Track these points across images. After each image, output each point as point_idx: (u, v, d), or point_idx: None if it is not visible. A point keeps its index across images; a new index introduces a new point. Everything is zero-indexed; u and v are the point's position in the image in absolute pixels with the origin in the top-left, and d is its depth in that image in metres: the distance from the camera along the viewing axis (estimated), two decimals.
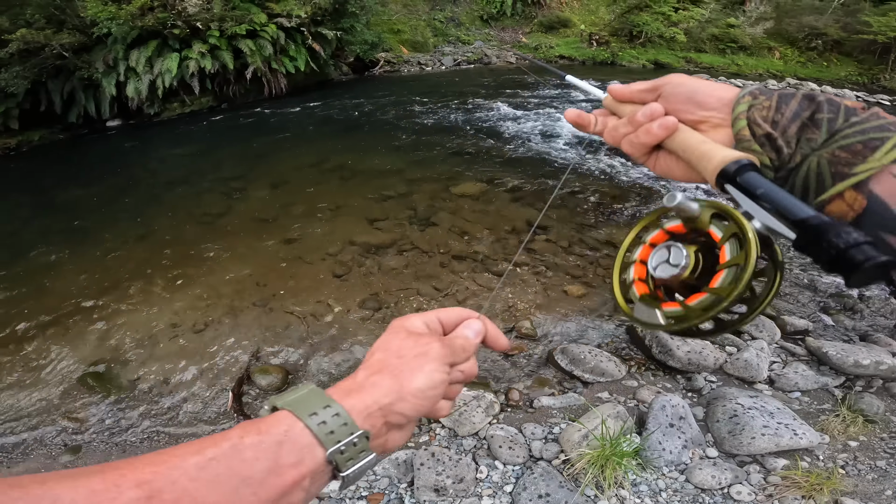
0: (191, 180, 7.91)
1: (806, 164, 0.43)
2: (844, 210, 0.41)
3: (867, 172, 0.39)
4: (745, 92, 0.49)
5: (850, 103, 0.44)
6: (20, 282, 5.24)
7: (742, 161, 0.44)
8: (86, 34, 10.55)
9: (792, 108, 0.45)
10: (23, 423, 3.50)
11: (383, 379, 0.47)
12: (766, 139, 0.45)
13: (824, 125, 0.43)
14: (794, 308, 4.06)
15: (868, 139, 0.40)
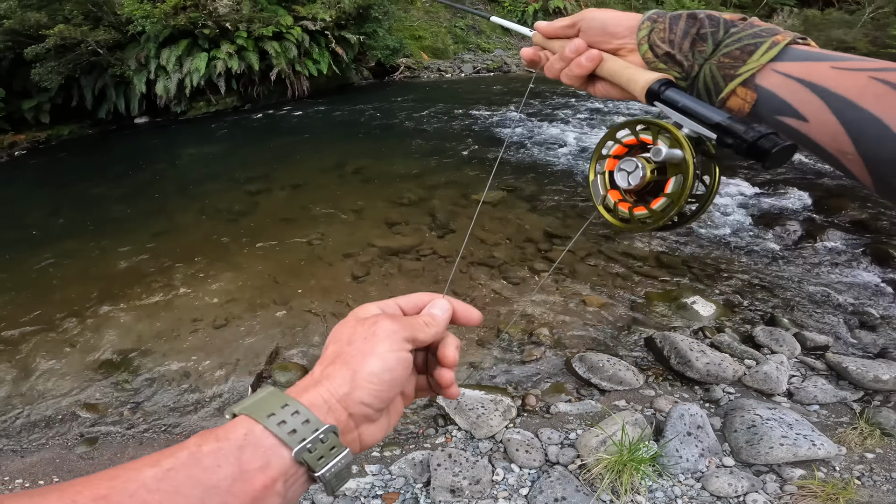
0: (214, 178, 8.09)
1: (702, 71, 0.51)
2: (741, 103, 0.48)
3: (749, 72, 0.47)
4: (645, 18, 0.57)
5: (729, 16, 0.52)
6: (45, 272, 5.40)
7: (661, 79, 0.52)
8: (121, 31, 10.87)
9: (681, 27, 0.53)
10: (40, 412, 3.55)
11: (337, 369, 0.45)
12: (668, 57, 0.54)
13: (709, 38, 0.51)
14: (814, 324, 4.04)
15: (744, 45, 0.48)
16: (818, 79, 0.43)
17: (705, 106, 0.49)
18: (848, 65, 0.42)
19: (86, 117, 11.88)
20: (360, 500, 2.67)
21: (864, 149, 0.40)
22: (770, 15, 17.70)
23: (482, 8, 20.64)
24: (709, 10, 0.54)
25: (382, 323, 0.48)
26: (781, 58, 0.46)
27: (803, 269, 4.80)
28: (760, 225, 5.59)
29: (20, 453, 3.24)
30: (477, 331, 4.04)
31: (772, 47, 0.46)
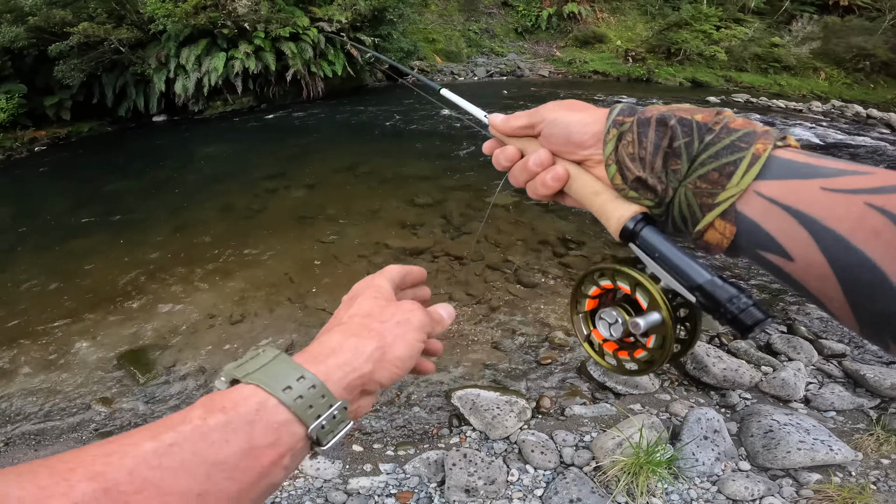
0: (231, 177, 8.19)
1: (677, 196, 0.44)
2: (719, 238, 0.42)
3: (729, 200, 0.40)
4: (610, 123, 0.49)
5: (702, 116, 0.44)
6: (64, 266, 5.50)
7: (637, 217, 0.47)
8: (143, 30, 11.07)
9: (651, 139, 0.46)
10: (56, 406, 3.57)
11: (364, 343, 0.44)
12: (639, 183, 0.47)
13: (683, 153, 0.44)
14: (831, 332, 4.03)
15: (722, 165, 0.41)
16: (807, 206, 0.37)
17: (685, 260, 0.44)
18: (841, 183, 0.36)
19: (106, 115, 12.09)
20: (374, 499, 2.70)
21: (854, 298, 0.34)
22: (789, 21, 17.55)
23: (495, 12, 20.71)
24: (680, 109, 0.46)
25: (417, 313, 0.49)
26: (764, 174, 0.39)
27: None
28: None
29: (33, 447, 3.25)
30: (492, 332, 4.05)
31: (753, 164, 0.40)
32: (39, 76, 10.99)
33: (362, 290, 0.52)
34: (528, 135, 0.57)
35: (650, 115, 0.46)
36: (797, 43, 16.71)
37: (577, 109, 0.53)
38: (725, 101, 13.14)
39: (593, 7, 19.64)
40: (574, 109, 0.53)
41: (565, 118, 0.52)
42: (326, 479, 2.84)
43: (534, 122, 0.55)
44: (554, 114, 0.53)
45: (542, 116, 0.54)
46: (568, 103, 0.54)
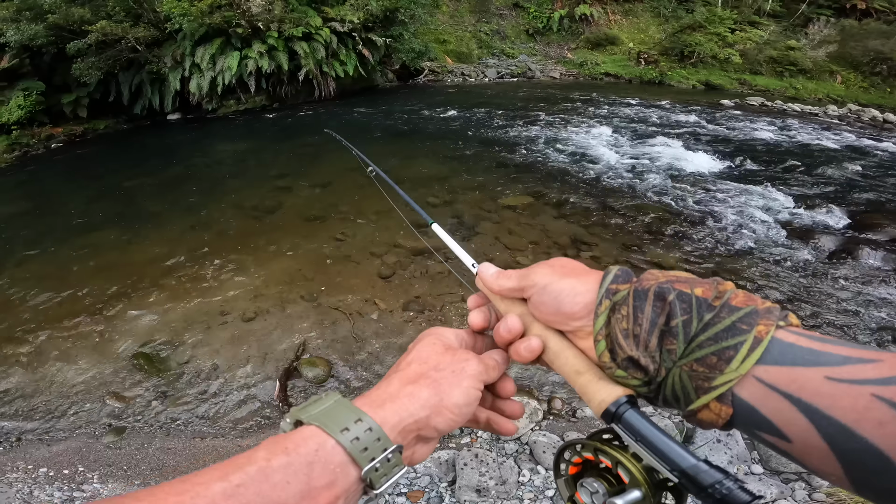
0: (244, 175, 8.28)
1: (670, 377, 0.43)
2: (713, 418, 0.41)
3: (725, 385, 0.39)
4: (603, 293, 0.46)
5: (702, 290, 0.43)
6: (78, 261, 5.57)
7: (619, 401, 0.45)
8: (159, 29, 11.23)
9: (647, 315, 0.43)
10: (69, 400, 3.59)
11: (421, 390, 0.45)
12: (629, 362, 0.44)
13: (680, 333, 0.42)
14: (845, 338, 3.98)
15: (721, 349, 0.40)
16: (809, 395, 0.36)
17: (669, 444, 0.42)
18: (847, 373, 0.35)
19: (122, 113, 12.26)
20: (385, 498, 2.70)
21: (855, 476, 0.34)
22: (806, 24, 17.38)
23: (507, 13, 20.71)
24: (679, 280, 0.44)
25: (472, 361, 0.49)
26: (765, 358, 0.38)
27: (836, 284, 4.71)
28: (794, 237, 5.50)
29: (46, 441, 3.26)
30: None
31: (754, 349, 0.39)
32: (57, 74, 11.17)
33: (423, 337, 0.52)
34: (514, 297, 0.54)
35: (648, 287, 0.44)
36: (813, 46, 16.55)
37: (569, 274, 0.50)
38: (740, 104, 13.03)
39: (605, 9, 19.57)
40: (566, 274, 0.50)
41: (555, 286, 0.49)
42: None
43: (524, 286, 0.52)
44: (545, 279, 0.50)
45: (533, 281, 0.51)
46: (560, 265, 0.52)
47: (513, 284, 0.53)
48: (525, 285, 0.52)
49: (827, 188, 6.91)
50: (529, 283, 0.51)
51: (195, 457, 3.06)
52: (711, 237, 5.54)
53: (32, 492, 2.79)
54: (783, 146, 9.07)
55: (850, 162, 8.02)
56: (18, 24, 9.99)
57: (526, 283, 0.52)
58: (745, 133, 9.88)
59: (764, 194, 6.61)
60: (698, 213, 6.15)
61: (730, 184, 7.01)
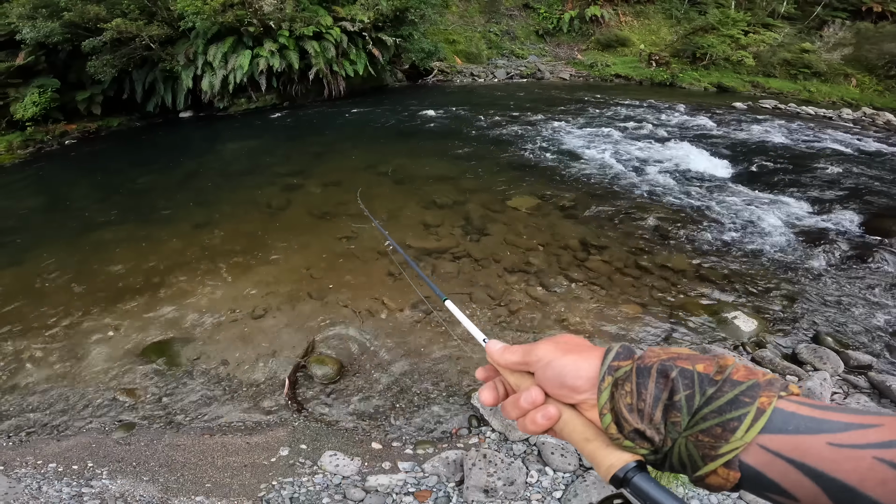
0: (254, 173, 8.32)
1: (676, 446, 0.45)
2: (721, 482, 0.43)
3: (731, 453, 0.41)
4: (605, 369, 0.49)
5: (703, 366, 0.45)
6: (91, 257, 5.64)
7: (628, 466, 0.46)
8: (172, 27, 11.34)
9: (651, 391, 0.46)
10: (80, 395, 3.62)
11: None
12: (636, 434, 0.46)
13: (684, 407, 0.44)
14: (858, 343, 3.96)
15: (726, 420, 0.42)
16: (813, 460, 0.38)
17: None
18: (849, 439, 0.37)
19: (135, 110, 12.39)
20: (393, 497, 2.70)
21: None
22: (821, 27, 17.18)
23: (516, 14, 20.66)
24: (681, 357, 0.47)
25: None
26: (769, 427, 0.41)
27: (849, 289, 4.66)
28: (806, 242, 5.44)
29: (56, 436, 3.26)
30: (513, 335, 4.05)
31: (757, 419, 0.41)
32: (72, 71, 11.30)
33: None
34: (520, 370, 0.57)
35: (650, 365, 0.47)
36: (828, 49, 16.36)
37: (572, 350, 0.53)
38: (752, 106, 12.90)
39: (616, 10, 19.47)
40: (569, 351, 0.53)
41: (559, 362, 0.52)
42: (345, 475, 2.86)
43: (528, 361, 0.55)
44: (549, 356, 0.53)
45: (537, 357, 0.54)
46: (564, 342, 0.54)
47: (518, 359, 0.56)
48: (530, 360, 0.55)
49: (840, 192, 6.83)
50: (534, 358, 0.54)
51: (204, 453, 3.07)
52: (722, 241, 5.49)
53: (41, 487, 2.78)
54: (796, 149, 8.97)
55: (864, 166, 7.91)
56: (34, 22, 10.12)
57: (530, 359, 0.54)
58: (757, 136, 9.78)
59: (776, 198, 6.54)
60: (709, 216, 6.09)
61: (741, 187, 6.94)
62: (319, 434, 3.21)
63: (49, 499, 2.67)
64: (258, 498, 2.68)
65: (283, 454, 3.03)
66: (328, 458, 2.97)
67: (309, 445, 3.10)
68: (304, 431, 3.23)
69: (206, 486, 2.81)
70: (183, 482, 2.85)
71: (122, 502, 2.66)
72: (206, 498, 2.72)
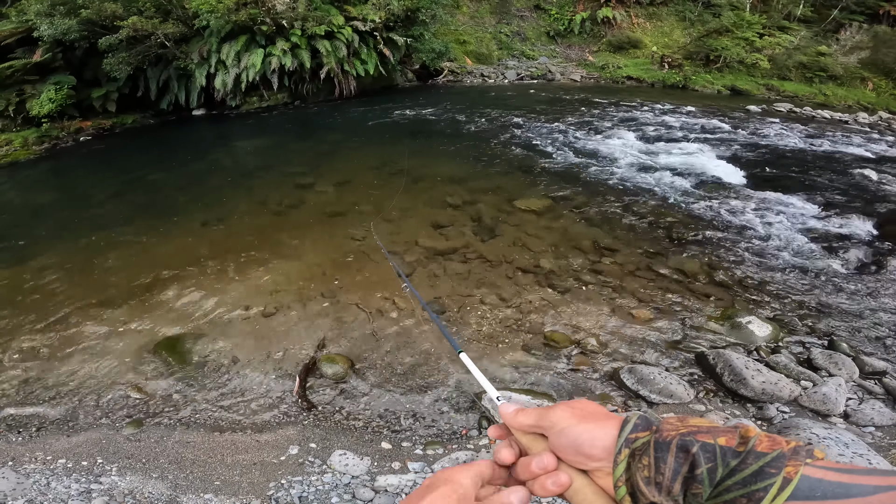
0: (265, 171, 8.36)
1: None
2: None
3: None
4: (622, 441, 0.48)
5: (725, 439, 0.44)
6: (103, 253, 5.68)
7: None
8: (187, 25, 11.44)
9: (670, 465, 0.45)
10: (91, 391, 3.63)
11: None
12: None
13: (705, 479, 0.43)
14: (873, 349, 3.91)
15: (750, 492, 0.41)
16: None
17: None
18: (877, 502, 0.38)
19: (149, 107, 12.51)
20: (402, 497, 2.68)
21: None
22: (837, 30, 16.95)
23: (527, 15, 20.61)
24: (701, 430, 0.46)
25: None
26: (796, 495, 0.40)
27: (864, 295, 4.58)
28: (821, 248, 5.35)
29: (66, 432, 3.26)
30: (523, 336, 4.02)
31: (783, 489, 0.40)
32: (88, 69, 11.43)
33: (438, 485, 0.51)
34: (533, 433, 0.55)
35: (670, 439, 0.46)
36: (845, 52, 16.13)
37: (588, 418, 0.52)
38: (767, 109, 12.75)
39: (629, 12, 19.35)
40: (585, 418, 0.52)
41: (575, 429, 0.51)
42: (354, 475, 2.85)
43: (542, 425, 0.53)
44: (564, 422, 0.52)
45: (552, 422, 0.53)
46: (580, 408, 0.53)
47: (531, 422, 0.55)
48: (544, 425, 0.53)
49: (855, 197, 6.72)
50: (548, 423, 0.53)
51: (213, 451, 3.07)
52: (735, 245, 5.42)
53: (50, 483, 2.78)
54: (811, 154, 8.85)
55: (881, 171, 7.78)
56: (52, 19, 10.25)
57: (545, 423, 0.53)
58: (771, 140, 9.66)
59: (790, 203, 6.45)
60: (722, 219, 6.02)
61: (755, 191, 6.85)
62: (329, 433, 3.20)
63: (57, 495, 2.67)
64: (267, 496, 2.67)
65: (293, 453, 3.02)
66: (338, 457, 2.96)
67: (318, 444, 3.09)
68: (313, 430, 3.22)
69: (214, 484, 2.81)
70: (192, 479, 2.85)
71: (130, 499, 2.67)
72: (215, 496, 2.71)
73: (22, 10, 10.94)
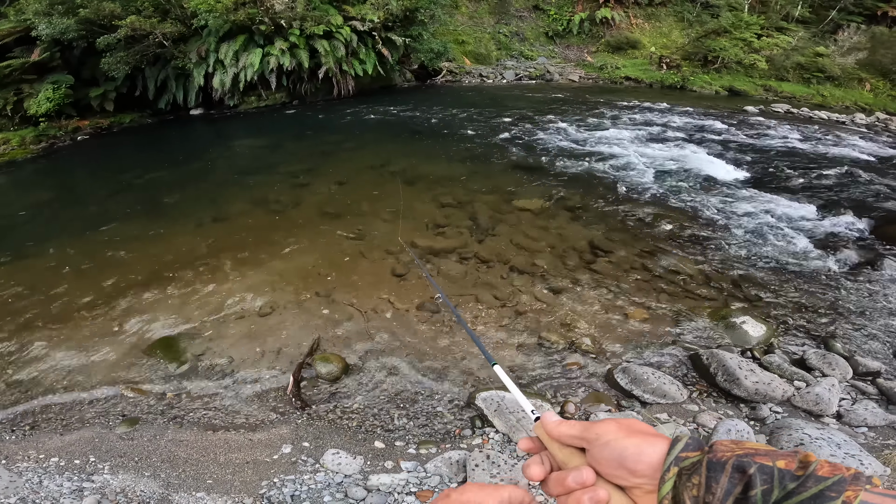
0: (263, 170, 8.36)
1: None
2: None
3: None
4: (671, 459, 0.47)
5: (784, 462, 0.43)
6: (98, 252, 5.67)
7: None
8: (185, 25, 11.44)
9: (723, 485, 0.44)
10: (85, 389, 3.62)
11: None
12: None
13: (759, 501, 0.42)
14: (867, 349, 3.91)
15: None
16: None
17: None
18: None
19: (146, 107, 12.50)
20: (395, 496, 2.67)
21: None
22: (835, 31, 16.97)
23: (526, 15, 20.62)
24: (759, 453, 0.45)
25: None
26: None
27: (858, 295, 4.59)
28: (816, 248, 5.36)
29: (59, 431, 3.25)
30: (518, 336, 4.02)
31: None
32: (86, 68, 11.42)
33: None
34: (573, 445, 0.54)
35: (725, 459, 0.45)
36: (843, 53, 16.15)
37: (636, 433, 0.51)
38: (764, 110, 12.77)
39: (627, 13, 19.37)
40: (633, 433, 0.51)
41: (621, 442, 0.50)
42: (347, 474, 2.84)
43: (587, 437, 0.53)
44: (610, 434, 0.51)
45: (597, 434, 0.52)
46: (627, 424, 0.53)
47: (575, 433, 0.54)
48: (589, 437, 0.53)
49: (851, 198, 6.73)
50: (593, 435, 0.52)
51: (206, 449, 3.07)
52: (731, 245, 5.43)
53: (42, 481, 2.77)
54: (807, 154, 8.86)
55: (875, 172, 7.80)
56: (50, 18, 10.24)
57: (589, 435, 0.53)
58: (768, 140, 9.67)
59: (786, 203, 6.46)
60: (718, 220, 6.03)
61: (751, 191, 6.87)
62: (322, 432, 3.20)
63: (50, 493, 2.66)
64: (259, 495, 2.67)
65: (286, 451, 3.02)
66: (330, 456, 2.96)
67: (311, 443, 3.09)
68: (306, 429, 3.22)
69: (207, 483, 2.80)
70: (184, 478, 2.84)
71: (122, 497, 2.67)
72: (208, 494, 2.71)
73: (20, 10, 10.93)
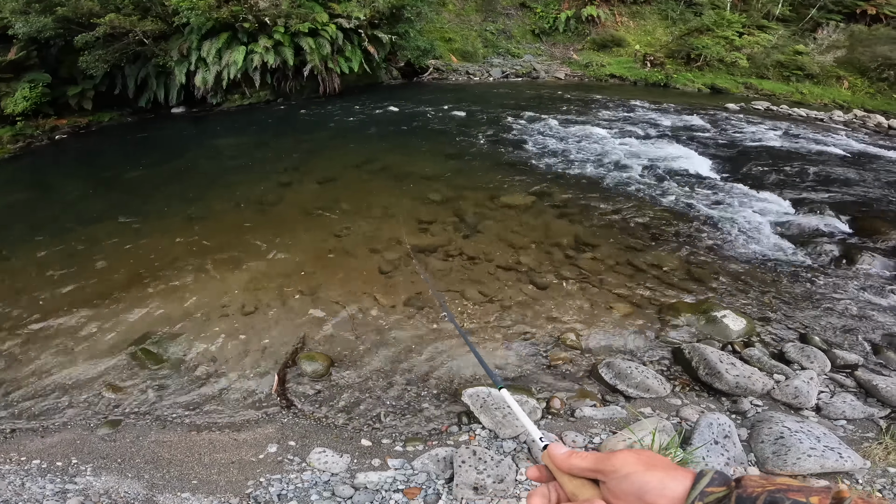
0: (246, 169, 8.27)
1: None
2: None
3: None
4: (696, 494, 0.45)
5: (818, 499, 0.41)
6: (79, 252, 5.58)
7: None
8: (167, 22, 11.25)
9: None
10: (66, 391, 3.57)
11: None
12: None
13: None
14: (845, 343, 4.00)
15: None
16: None
17: None
18: None
19: (126, 105, 12.29)
20: (382, 494, 2.67)
21: None
22: (815, 29, 17.26)
23: (513, 13, 20.66)
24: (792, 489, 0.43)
25: None
26: None
27: (836, 289, 4.69)
28: (794, 243, 5.47)
29: (40, 433, 3.21)
30: (504, 332, 4.05)
31: None
32: (64, 66, 11.19)
33: None
34: (584, 477, 0.53)
35: (756, 495, 0.43)
36: (822, 51, 16.44)
37: (656, 467, 0.49)
38: (745, 107, 12.97)
39: (612, 11, 19.50)
40: (653, 466, 0.49)
41: (642, 476, 0.48)
42: (334, 472, 2.84)
43: (603, 469, 0.51)
44: (629, 467, 0.49)
45: (614, 466, 0.50)
46: (647, 456, 0.51)
47: (588, 465, 0.52)
48: (604, 469, 0.51)
49: (829, 193, 6.88)
50: (609, 467, 0.50)
51: (190, 450, 3.04)
52: (712, 240, 5.51)
53: (24, 484, 2.73)
54: (787, 151, 9.02)
55: (854, 168, 7.97)
56: (27, 17, 10.01)
57: (605, 467, 0.51)
58: (748, 137, 9.83)
59: (766, 199, 6.58)
60: (700, 215, 6.12)
61: (732, 187, 6.98)
62: (308, 431, 3.19)
63: (32, 495, 2.62)
64: (245, 495, 2.66)
65: (272, 451, 3.01)
66: (317, 454, 2.95)
67: (298, 442, 3.08)
68: (292, 428, 3.21)
69: (192, 483, 2.78)
70: (169, 479, 2.82)
71: (106, 499, 2.63)
72: (193, 495, 2.69)
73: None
